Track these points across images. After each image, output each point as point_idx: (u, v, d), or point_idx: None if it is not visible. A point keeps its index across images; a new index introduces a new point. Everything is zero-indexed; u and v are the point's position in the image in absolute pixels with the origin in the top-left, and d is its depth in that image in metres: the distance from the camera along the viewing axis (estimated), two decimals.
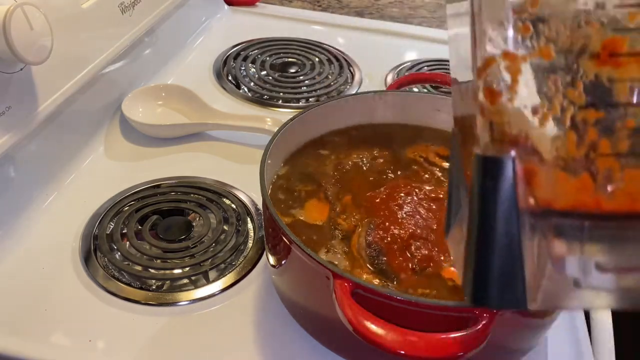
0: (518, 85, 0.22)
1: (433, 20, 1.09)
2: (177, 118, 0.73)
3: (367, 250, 0.45)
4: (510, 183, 0.22)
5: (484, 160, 0.23)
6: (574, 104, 0.22)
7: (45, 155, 0.60)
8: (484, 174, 0.23)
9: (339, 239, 0.46)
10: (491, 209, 0.23)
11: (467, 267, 0.24)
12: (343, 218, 0.48)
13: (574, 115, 0.22)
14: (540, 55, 0.22)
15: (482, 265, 0.23)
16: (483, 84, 0.22)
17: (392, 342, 0.34)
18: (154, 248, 0.55)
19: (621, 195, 0.22)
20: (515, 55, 0.22)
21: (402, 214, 0.47)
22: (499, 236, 0.23)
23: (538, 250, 0.23)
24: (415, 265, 0.44)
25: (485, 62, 0.22)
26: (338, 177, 0.52)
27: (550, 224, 0.23)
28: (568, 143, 0.22)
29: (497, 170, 0.22)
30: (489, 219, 0.23)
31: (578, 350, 0.50)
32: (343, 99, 0.56)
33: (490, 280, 0.23)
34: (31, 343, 0.46)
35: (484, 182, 0.23)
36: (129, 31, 0.69)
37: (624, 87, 0.21)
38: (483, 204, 0.23)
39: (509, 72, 0.22)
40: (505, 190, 0.22)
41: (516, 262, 0.23)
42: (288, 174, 0.52)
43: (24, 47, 0.48)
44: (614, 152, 0.22)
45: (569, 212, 0.22)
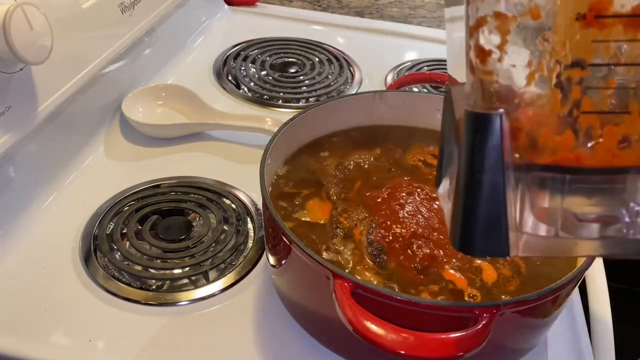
0: (507, 45, 0.23)
1: (433, 20, 1.09)
2: (177, 118, 0.73)
3: (369, 249, 0.45)
4: (497, 138, 0.23)
5: (473, 116, 0.24)
6: (560, 63, 0.23)
7: (45, 155, 0.60)
8: (472, 129, 0.24)
9: (340, 238, 0.46)
10: (478, 162, 0.24)
11: (454, 217, 0.25)
12: (345, 217, 0.48)
13: (559, 74, 0.23)
14: (529, 16, 0.23)
15: (468, 215, 0.25)
16: (474, 43, 0.23)
17: (392, 342, 0.34)
18: (154, 248, 0.55)
19: (601, 151, 0.23)
20: (506, 15, 0.23)
21: (404, 213, 0.47)
22: (484, 188, 0.24)
23: (521, 202, 0.24)
24: (417, 264, 0.44)
25: (477, 22, 0.23)
26: (340, 177, 0.52)
27: (534, 177, 0.24)
28: (553, 101, 0.23)
29: (485, 125, 0.23)
30: (476, 171, 0.24)
31: (578, 350, 0.50)
32: (343, 99, 0.56)
33: (475, 229, 0.25)
34: (31, 343, 0.46)
35: (472, 137, 0.24)
36: (129, 31, 0.69)
37: (608, 48, 0.22)
38: (471, 157, 0.24)
39: (499, 31, 0.23)
40: (492, 144, 0.23)
41: (500, 213, 0.24)
42: (289, 173, 0.52)
43: (24, 47, 0.48)
44: (596, 110, 0.23)
45: (552, 166, 0.23)
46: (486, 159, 0.24)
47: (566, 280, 0.38)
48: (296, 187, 0.51)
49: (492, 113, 0.23)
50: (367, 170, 0.53)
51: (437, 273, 0.43)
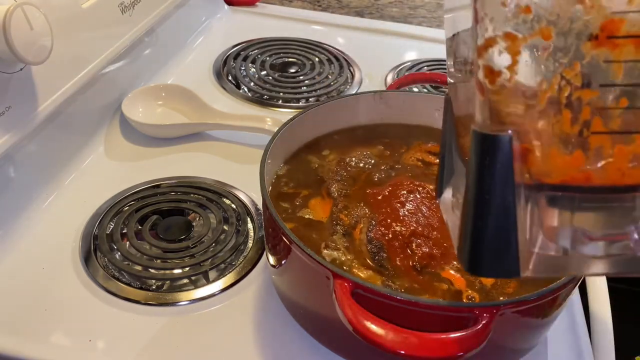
0: (517, 66, 0.23)
1: (433, 20, 1.09)
2: (177, 118, 0.73)
3: (368, 246, 0.45)
4: (507, 159, 0.23)
5: (481, 137, 0.24)
6: (571, 83, 0.23)
7: (45, 155, 0.60)
8: (481, 150, 0.24)
9: (340, 235, 0.46)
10: (487, 184, 0.24)
11: (463, 236, 0.25)
12: (345, 214, 0.48)
13: (570, 94, 0.23)
14: (540, 37, 0.23)
15: (477, 236, 0.24)
16: (483, 63, 0.23)
17: (392, 342, 0.34)
18: (154, 248, 0.55)
19: (611, 170, 0.23)
20: (516, 36, 0.23)
21: (404, 211, 0.47)
22: (494, 209, 0.24)
23: (531, 221, 0.24)
24: (416, 262, 0.44)
25: (487, 42, 0.23)
26: (341, 173, 0.52)
27: (543, 197, 0.24)
28: (563, 121, 0.23)
29: (494, 147, 0.23)
30: (486, 192, 0.24)
31: (578, 350, 0.50)
32: (343, 99, 0.56)
33: (484, 250, 0.25)
34: (31, 343, 0.46)
35: (481, 158, 0.24)
36: (129, 31, 0.69)
37: (620, 68, 0.22)
38: (480, 178, 0.24)
39: (509, 52, 0.23)
40: (502, 166, 0.23)
41: (510, 233, 0.24)
42: (289, 173, 0.52)
43: (24, 47, 0.48)
44: (606, 130, 0.23)
45: (561, 186, 0.24)
46: (496, 180, 0.24)
47: (566, 280, 0.38)
48: (296, 187, 0.51)
49: (501, 134, 0.23)
50: (368, 168, 0.53)
51: (436, 273, 0.43)
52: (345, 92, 0.82)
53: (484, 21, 0.23)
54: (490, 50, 0.23)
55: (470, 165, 0.24)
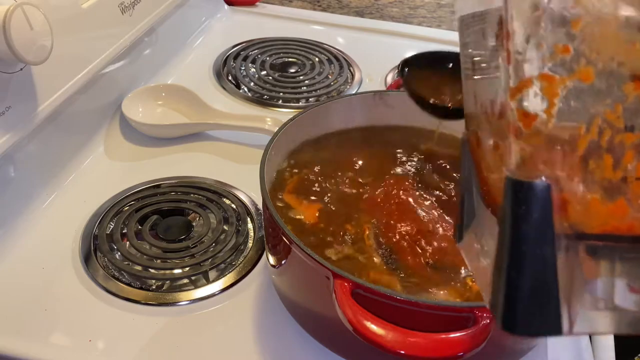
0: (554, 109, 0.21)
1: (433, 20, 1.09)
2: (177, 118, 0.73)
3: (379, 251, 0.44)
4: (545, 208, 0.22)
5: (516, 184, 0.22)
6: (612, 126, 0.21)
7: (45, 155, 0.60)
8: (516, 199, 0.22)
9: (349, 245, 0.46)
10: (524, 235, 0.22)
11: (496, 289, 0.23)
12: (350, 223, 0.47)
13: (611, 138, 0.21)
14: (579, 78, 0.21)
15: (514, 291, 0.22)
16: (516, 106, 0.22)
17: (392, 342, 0.34)
18: (154, 248, 0.55)
19: None
20: (553, 77, 0.21)
21: (407, 209, 0.47)
22: (531, 262, 0.22)
23: (571, 274, 0.22)
24: (428, 259, 0.44)
25: (521, 84, 0.22)
26: (340, 182, 0.51)
27: (583, 247, 0.22)
28: (604, 167, 0.21)
29: (530, 195, 0.22)
30: (522, 244, 0.22)
31: (578, 350, 0.50)
32: (343, 98, 0.56)
33: (522, 306, 0.23)
34: (31, 343, 0.46)
35: (516, 207, 0.22)
36: (129, 31, 0.69)
37: None
38: (515, 228, 0.22)
39: (546, 94, 0.21)
40: (540, 215, 0.22)
41: (550, 288, 0.22)
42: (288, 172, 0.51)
43: (24, 47, 0.48)
44: None
45: (603, 235, 0.22)
46: (533, 231, 0.22)
47: None
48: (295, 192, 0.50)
49: (538, 182, 0.22)
50: (363, 173, 0.52)
51: (451, 267, 0.43)
52: (345, 92, 0.82)
53: (518, 62, 0.21)
54: (525, 91, 0.21)
55: (504, 214, 0.22)
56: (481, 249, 0.25)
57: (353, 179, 0.52)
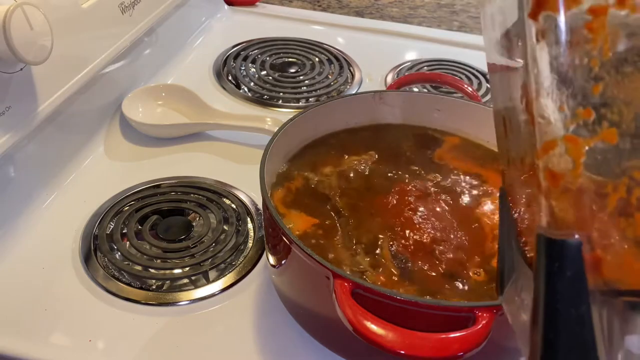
0: (580, 169, 0.22)
1: (433, 20, 1.09)
2: (177, 118, 0.73)
3: (394, 262, 0.44)
4: (578, 266, 0.22)
5: (548, 242, 0.22)
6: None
7: (45, 155, 0.60)
8: (549, 257, 0.22)
9: (362, 255, 0.45)
10: (558, 292, 0.22)
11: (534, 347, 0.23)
12: (360, 231, 0.46)
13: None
14: (602, 139, 0.22)
15: (551, 348, 0.22)
16: (543, 166, 0.22)
17: (392, 342, 0.34)
18: (154, 248, 0.55)
19: None
20: (577, 139, 0.22)
21: (418, 218, 0.46)
22: (567, 319, 0.22)
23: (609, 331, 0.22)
24: (443, 269, 0.43)
25: (546, 145, 0.22)
26: (345, 188, 0.51)
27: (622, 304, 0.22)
28: (636, 224, 0.22)
29: (563, 253, 0.22)
30: (557, 302, 0.22)
31: None
32: (343, 99, 0.56)
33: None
34: (31, 343, 0.46)
35: (549, 265, 0.22)
36: (129, 31, 0.69)
37: None
38: (549, 287, 0.22)
39: (571, 155, 0.22)
40: (573, 273, 0.22)
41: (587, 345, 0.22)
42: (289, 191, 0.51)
43: (24, 47, 0.48)
44: None
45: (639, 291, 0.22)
46: (567, 289, 0.22)
47: None
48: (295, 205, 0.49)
49: (570, 240, 0.22)
50: (368, 176, 0.52)
51: (465, 276, 0.43)
52: (345, 92, 0.82)
53: (542, 125, 0.22)
54: (551, 152, 0.22)
55: (538, 272, 0.23)
56: (521, 303, 0.25)
57: (355, 190, 0.51)
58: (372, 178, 0.52)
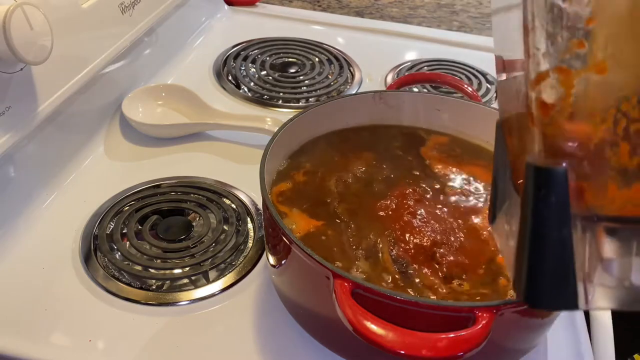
0: (571, 99, 0.22)
1: (433, 20, 1.09)
2: (177, 118, 0.73)
3: (394, 266, 0.44)
4: (563, 193, 0.23)
5: (536, 170, 0.23)
6: (628, 116, 0.22)
7: (45, 155, 0.60)
8: (536, 183, 0.23)
9: (363, 259, 0.45)
10: (543, 217, 0.23)
11: (518, 267, 0.25)
12: (361, 236, 0.46)
13: (627, 127, 0.22)
14: (594, 71, 0.22)
15: (534, 268, 0.24)
16: (536, 96, 0.23)
17: (392, 342, 0.34)
18: (154, 248, 0.55)
19: None
20: (569, 70, 0.22)
21: (417, 222, 0.46)
22: (551, 242, 0.24)
23: (589, 253, 0.24)
24: (445, 273, 0.43)
25: (538, 77, 0.23)
26: (344, 191, 0.50)
27: (601, 229, 0.24)
28: (621, 154, 0.23)
29: (549, 180, 0.23)
30: (541, 226, 0.24)
31: (578, 350, 0.50)
32: (343, 99, 0.56)
33: (541, 283, 0.24)
34: (31, 343, 0.46)
35: (536, 191, 0.23)
36: (129, 31, 0.69)
37: None
38: (535, 211, 0.24)
39: (562, 86, 0.23)
40: (557, 199, 0.23)
41: (568, 266, 0.24)
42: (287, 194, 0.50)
43: (24, 47, 0.48)
44: None
45: (620, 218, 0.23)
46: (551, 214, 0.23)
47: None
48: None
49: (556, 167, 0.23)
50: (367, 180, 0.52)
51: (468, 280, 0.43)
52: (345, 92, 0.82)
53: (536, 56, 0.23)
54: (543, 83, 0.23)
55: (525, 198, 0.24)
56: (510, 231, 0.27)
57: (355, 195, 0.51)
58: (371, 181, 0.52)
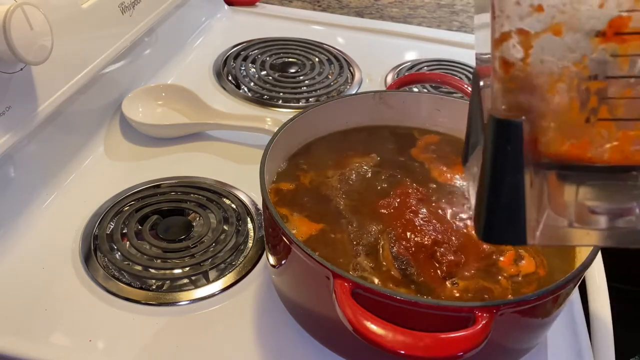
0: (530, 59, 0.25)
1: (433, 20, 1.09)
2: (177, 118, 0.73)
3: (395, 264, 0.44)
4: (519, 143, 0.26)
5: (497, 122, 0.26)
6: (580, 75, 0.25)
7: (45, 155, 0.60)
8: (496, 134, 0.27)
9: (363, 256, 0.45)
10: (500, 164, 0.27)
11: (478, 207, 0.29)
12: (362, 233, 0.47)
13: (578, 85, 0.25)
14: (551, 33, 0.25)
15: (491, 209, 0.28)
16: (499, 55, 0.25)
17: (392, 342, 0.34)
18: (154, 248, 0.55)
19: (615, 152, 0.26)
20: (528, 32, 0.25)
21: (419, 220, 0.46)
22: (506, 186, 0.27)
23: (540, 196, 0.27)
24: (444, 272, 0.43)
25: (501, 37, 0.25)
26: (345, 189, 0.51)
27: (552, 175, 0.27)
28: (572, 109, 0.25)
29: (507, 131, 0.26)
30: (498, 172, 0.27)
31: (578, 350, 0.50)
32: (343, 99, 0.56)
33: (496, 220, 0.28)
34: (31, 343, 0.46)
35: (495, 141, 0.27)
36: (129, 31, 0.69)
37: (625, 62, 0.25)
38: (494, 159, 0.27)
39: (522, 46, 0.25)
40: (514, 149, 0.26)
41: (520, 208, 0.27)
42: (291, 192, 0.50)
43: (24, 47, 0.48)
44: (611, 117, 0.25)
45: (569, 166, 0.27)
46: (508, 161, 0.27)
47: (566, 280, 0.38)
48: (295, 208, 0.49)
49: (514, 120, 0.26)
50: (370, 178, 0.52)
51: (468, 279, 0.43)
52: (345, 92, 0.82)
53: (500, 18, 0.25)
54: (505, 43, 0.25)
55: (486, 146, 0.27)
56: (477, 173, 0.30)
57: (358, 192, 0.51)
58: (372, 180, 0.52)
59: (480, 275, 0.43)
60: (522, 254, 0.45)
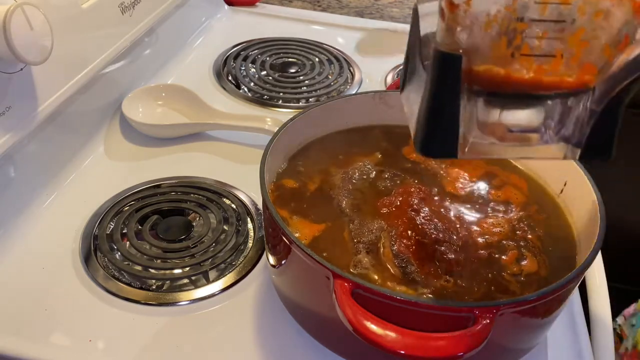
0: (472, 1, 0.29)
1: None
2: (177, 118, 0.73)
3: (395, 261, 0.44)
4: (456, 73, 0.30)
5: (439, 54, 0.30)
6: (509, 17, 0.30)
7: (45, 155, 0.60)
8: (438, 65, 0.31)
9: (364, 253, 0.45)
10: (440, 91, 0.31)
11: (418, 126, 0.33)
12: (363, 230, 0.47)
13: (507, 25, 0.30)
14: None
15: (430, 128, 0.33)
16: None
17: (392, 342, 0.34)
18: (154, 248, 0.55)
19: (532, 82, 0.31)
20: None
21: (421, 219, 0.46)
22: (444, 110, 0.32)
23: (470, 118, 0.32)
24: (445, 271, 0.43)
25: None
26: (347, 187, 0.51)
27: (481, 100, 0.32)
28: (501, 45, 0.30)
29: (448, 63, 0.30)
30: (438, 98, 0.32)
31: (578, 350, 0.50)
32: (343, 99, 0.56)
33: (433, 137, 0.33)
34: (31, 343, 0.47)
35: (437, 71, 0.31)
36: (129, 31, 0.69)
37: (545, 8, 0.30)
38: (435, 86, 0.31)
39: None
40: (452, 78, 0.31)
41: (453, 126, 0.32)
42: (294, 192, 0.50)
43: (24, 47, 0.48)
44: (531, 53, 0.30)
45: (495, 93, 0.32)
46: (447, 88, 0.31)
47: (566, 280, 0.38)
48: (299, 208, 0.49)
49: (454, 53, 0.30)
50: (372, 177, 0.52)
51: (469, 277, 0.43)
52: (345, 92, 0.82)
53: None
54: None
55: (429, 75, 0.31)
56: (415, 99, 0.34)
57: (360, 191, 0.51)
58: (374, 179, 0.52)
59: (481, 275, 0.43)
60: (524, 253, 0.45)
